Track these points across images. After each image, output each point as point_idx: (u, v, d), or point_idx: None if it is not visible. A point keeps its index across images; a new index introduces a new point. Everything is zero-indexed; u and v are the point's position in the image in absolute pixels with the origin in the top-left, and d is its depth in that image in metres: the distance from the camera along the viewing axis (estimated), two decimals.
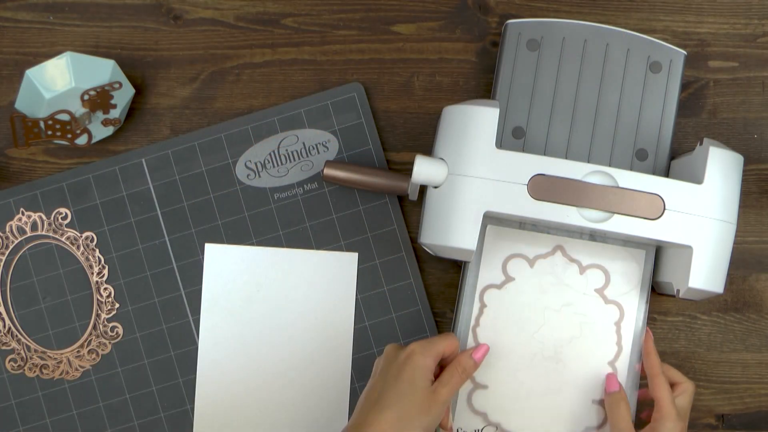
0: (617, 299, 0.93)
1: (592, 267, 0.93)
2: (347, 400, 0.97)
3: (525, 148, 0.95)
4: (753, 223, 0.99)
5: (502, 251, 0.94)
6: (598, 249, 0.93)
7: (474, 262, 0.93)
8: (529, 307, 0.93)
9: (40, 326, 0.98)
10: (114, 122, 0.97)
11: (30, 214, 0.99)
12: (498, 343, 0.92)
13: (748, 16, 1.01)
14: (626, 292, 0.93)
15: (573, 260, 0.93)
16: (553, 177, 0.88)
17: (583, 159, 0.95)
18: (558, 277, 0.93)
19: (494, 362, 0.92)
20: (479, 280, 0.93)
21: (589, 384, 0.92)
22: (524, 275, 0.93)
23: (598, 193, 0.87)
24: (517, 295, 0.93)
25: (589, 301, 0.93)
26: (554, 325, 0.92)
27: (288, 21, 1.01)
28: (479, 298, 0.93)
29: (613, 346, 0.92)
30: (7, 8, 1.01)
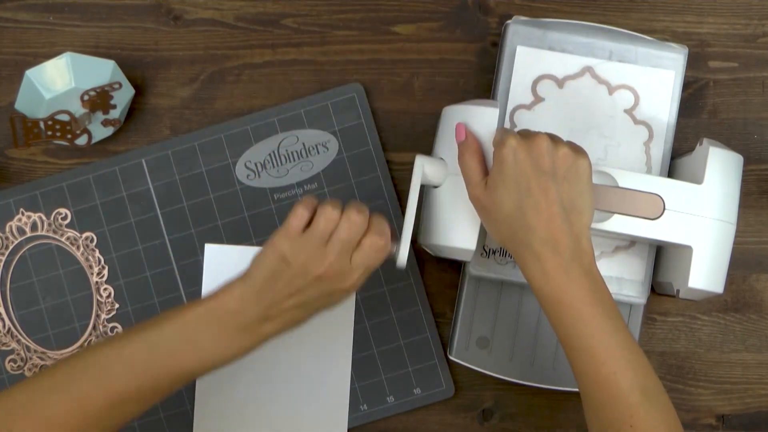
0: (647, 120, 0.92)
1: (622, 88, 0.93)
2: (347, 400, 0.97)
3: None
4: (753, 223, 0.99)
5: (531, 72, 0.93)
6: (627, 70, 0.93)
7: (503, 85, 0.93)
8: (557, 129, 0.91)
9: (40, 326, 0.98)
10: (114, 122, 0.97)
11: (30, 215, 0.99)
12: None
13: (748, 16, 1.01)
14: (656, 112, 0.92)
15: (602, 81, 0.92)
16: None
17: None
18: (586, 99, 0.92)
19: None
20: (509, 100, 0.93)
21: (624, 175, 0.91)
22: (553, 96, 0.93)
23: (598, 193, 0.87)
24: (546, 116, 0.93)
25: (617, 124, 0.92)
26: (597, 141, 0.92)
27: (288, 21, 1.01)
28: (509, 119, 0.93)
29: (643, 167, 0.92)
30: (7, 8, 1.01)
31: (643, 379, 0.79)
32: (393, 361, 0.98)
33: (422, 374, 0.98)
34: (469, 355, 0.95)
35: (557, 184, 0.81)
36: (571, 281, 0.79)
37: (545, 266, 0.80)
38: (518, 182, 0.81)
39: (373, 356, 0.98)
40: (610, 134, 0.93)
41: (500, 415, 0.99)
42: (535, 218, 0.80)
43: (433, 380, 0.98)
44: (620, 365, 0.78)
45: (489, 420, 0.99)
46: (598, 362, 0.79)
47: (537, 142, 0.81)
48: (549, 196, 0.80)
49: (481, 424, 0.98)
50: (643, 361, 0.80)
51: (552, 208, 0.80)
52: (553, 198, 0.80)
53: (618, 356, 0.79)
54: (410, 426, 0.98)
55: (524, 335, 0.95)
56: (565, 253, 0.80)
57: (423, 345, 0.98)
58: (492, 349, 0.95)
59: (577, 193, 0.81)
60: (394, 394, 0.98)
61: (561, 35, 0.93)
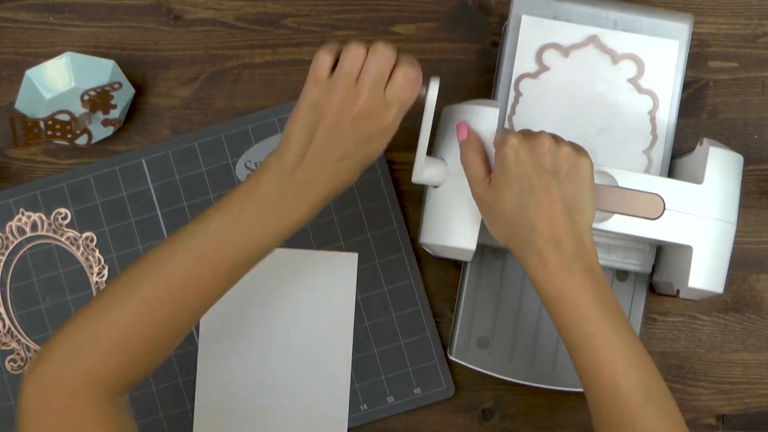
0: (651, 89, 0.92)
1: (627, 57, 0.92)
2: (347, 400, 0.97)
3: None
4: (753, 223, 0.99)
5: (536, 41, 0.93)
6: (632, 39, 0.93)
7: (509, 53, 0.93)
8: (562, 98, 0.92)
9: (40, 326, 0.98)
10: (114, 122, 0.97)
11: (30, 214, 0.99)
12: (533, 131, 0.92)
13: (748, 16, 1.01)
14: (661, 81, 0.92)
15: (607, 50, 0.92)
16: None
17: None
18: (591, 68, 0.92)
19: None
20: (514, 69, 0.93)
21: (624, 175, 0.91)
22: (558, 65, 0.93)
23: (598, 193, 0.87)
24: (552, 85, 0.93)
25: (622, 93, 0.92)
26: (585, 117, 0.92)
27: (288, 21, 1.01)
28: (514, 87, 0.93)
29: (648, 136, 0.92)
30: (7, 8, 1.00)
31: (645, 381, 0.78)
32: (393, 361, 0.98)
33: (422, 374, 0.98)
34: (469, 355, 0.95)
35: (559, 182, 0.81)
36: (573, 279, 0.79)
37: (548, 264, 0.80)
38: (521, 181, 0.81)
39: (373, 356, 0.98)
40: (614, 103, 0.93)
41: (500, 415, 0.99)
42: (538, 217, 0.80)
43: (433, 380, 0.98)
44: (622, 366, 0.78)
45: (489, 420, 0.99)
46: (599, 362, 0.78)
47: (539, 141, 0.81)
48: (551, 194, 0.80)
49: (481, 424, 0.98)
50: (647, 361, 0.79)
51: (554, 206, 0.80)
52: (555, 197, 0.80)
53: (620, 356, 0.78)
54: (410, 426, 0.98)
55: (524, 335, 0.95)
56: (567, 251, 0.80)
57: (423, 345, 0.98)
58: (492, 349, 0.95)
59: (580, 192, 0.81)
60: (394, 394, 0.98)
61: (566, 4, 0.93)
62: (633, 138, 0.93)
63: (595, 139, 0.93)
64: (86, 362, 0.77)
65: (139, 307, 0.77)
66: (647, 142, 0.93)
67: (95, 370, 0.77)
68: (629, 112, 0.93)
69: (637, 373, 0.78)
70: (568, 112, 0.93)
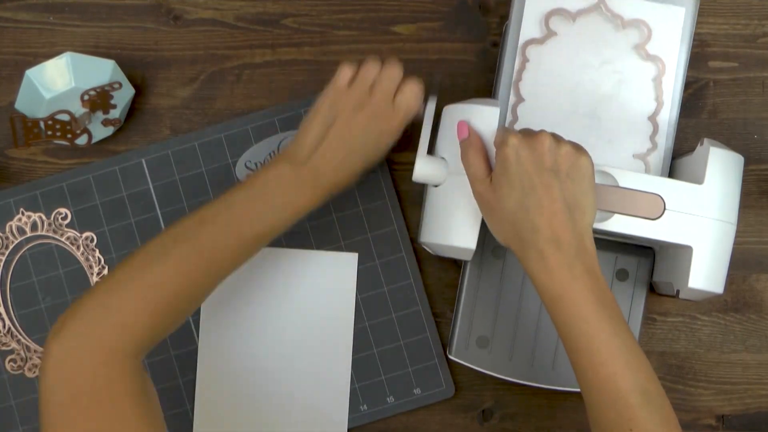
0: (658, 54, 0.92)
1: (633, 23, 0.92)
2: (347, 400, 0.97)
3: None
4: (753, 223, 0.99)
5: (543, 5, 0.93)
6: (639, 5, 0.93)
7: (515, 18, 0.93)
8: (568, 64, 0.92)
9: (40, 326, 0.98)
10: (114, 122, 0.97)
11: (30, 214, 0.99)
12: (539, 98, 0.93)
13: (748, 16, 1.01)
14: (667, 47, 0.92)
15: (615, 15, 0.92)
16: None
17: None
18: (599, 34, 0.92)
19: (536, 117, 0.92)
20: (521, 34, 0.93)
21: (629, 139, 0.92)
22: (566, 31, 0.93)
23: (599, 193, 0.87)
24: (558, 50, 0.93)
25: (629, 59, 0.93)
26: (592, 83, 0.92)
27: (288, 21, 1.01)
28: (521, 53, 0.93)
29: (653, 102, 0.92)
30: (7, 8, 1.01)
31: (643, 382, 0.78)
32: (393, 361, 0.98)
33: (422, 374, 0.98)
34: (469, 354, 0.95)
35: (560, 182, 0.81)
36: (573, 279, 0.79)
37: (548, 263, 0.80)
38: (521, 180, 0.81)
39: (373, 356, 0.98)
40: (621, 69, 0.93)
41: (500, 415, 0.99)
42: (539, 216, 0.80)
43: (433, 380, 0.98)
44: (620, 366, 0.78)
45: (489, 420, 0.98)
46: (598, 362, 0.79)
47: (539, 140, 0.81)
48: (552, 193, 0.80)
49: (481, 424, 0.98)
50: (644, 363, 0.80)
51: (555, 205, 0.80)
52: (556, 196, 0.80)
53: (618, 357, 0.78)
54: (410, 426, 0.98)
55: (524, 335, 0.95)
56: (568, 250, 0.80)
57: (423, 345, 0.98)
58: (492, 349, 0.95)
59: (580, 191, 0.81)
60: (394, 394, 0.98)
61: None
62: (638, 104, 0.93)
63: (601, 105, 0.93)
64: (116, 321, 0.79)
65: (170, 269, 0.82)
66: (652, 108, 0.93)
67: (124, 329, 0.79)
68: (635, 78, 0.93)
69: (634, 374, 0.78)
70: (574, 78, 0.93)
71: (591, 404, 0.80)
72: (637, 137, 0.93)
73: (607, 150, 0.93)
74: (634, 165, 0.93)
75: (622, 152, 0.93)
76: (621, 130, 0.92)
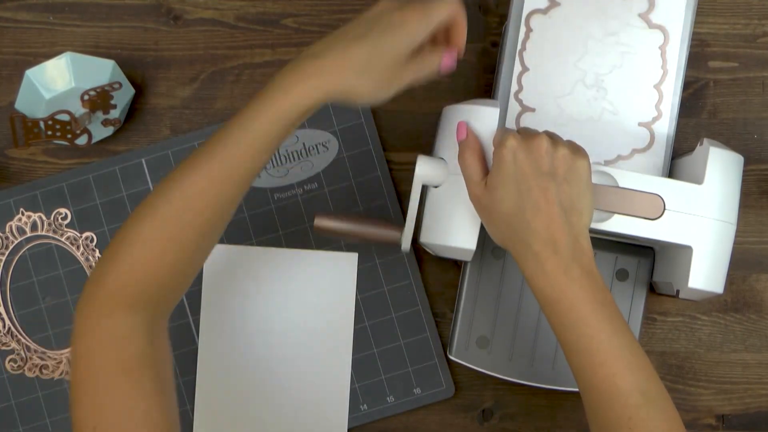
0: (662, 23, 0.92)
1: None
2: (347, 400, 0.97)
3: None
4: (753, 223, 0.99)
5: None
6: None
7: None
8: (572, 35, 0.92)
9: (40, 326, 0.98)
10: (114, 122, 0.97)
11: (30, 214, 0.99)
12: (543, 68, 0.92)
13: (748, 16, 1.01)
14: (671, 15, 0.92)
15: None
16: None
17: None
18: (602, 4, 0.92)
19: (541, 87, 0.92)
20: (525, 4, 0.93)
21: (634, 109, 0.92)
22: (569, 0, 0.93)
23: (598, 193, 0.87)
24: (562, 21, 0.92)
25: (633, 30, 0.92)
26: (596, 55, 0.92)
27: (288, 21, 1.01)
28: (525, 23, 0.93)
29: (659, 70, 0.92)
30: (7, 8, 1.01)
31: (643, 381, 0.78)
32: (393, 361, 0.98)
33: (422, 374, 0.98)
34: (469, 354, 0.95)
35: (557, 184, 0.81)
36: (570, 281, 0.79)
37: (545, 266, 0.80)
38: (518, 182, 0.81)
39: (373, 356, 0.98)
40: (626, 41, 0.93)
41: (500, 415, 0.99)
42: (535, 218, 0.80)
43: (433, 380, 0.98)
44: (619, 366, 0.78)
45: (489, 420, 0.99)
46: (596, 363, 0.78)
47: (537, 142, 0.81)
48: (548, 196, 0.80)
49: (481, 424, 0.98)
50: (645, 362, 0.79)
51: (552, 208, 0.80)
52: (552, 198, 0.80)
53: (617, 357, 0.78)
54: (410, 426, 0.98)
55: (524, 335, 0.95)
56: (564, 253, 0.80)
57: (423, 345, 0.98)
58: (492, 349, 0.95)
59: (577, 193, 0.81)
60: (394, 394, 0.98)
61: None
62: (644, 73, 0.93)
63: (606, 77, 0.93)
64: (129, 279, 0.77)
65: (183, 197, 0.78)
66: (658, 77, 0.93)
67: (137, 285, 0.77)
68: (640, 47, 0.93)
69: (634, 374, 0.78)
70: (578, 49, 0.93)
71: (590, 406, 0.80)
72: (642, 106, 0.93)
73: (613, 120, 0.92)
74: (639, 133, 0.92)
75: (628, 121, 0.93)
76: (626, 99, 0.92)
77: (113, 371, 0.75)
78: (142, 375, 0.76)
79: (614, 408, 0.77)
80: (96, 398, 0.75)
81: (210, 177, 0.78)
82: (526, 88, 0.93)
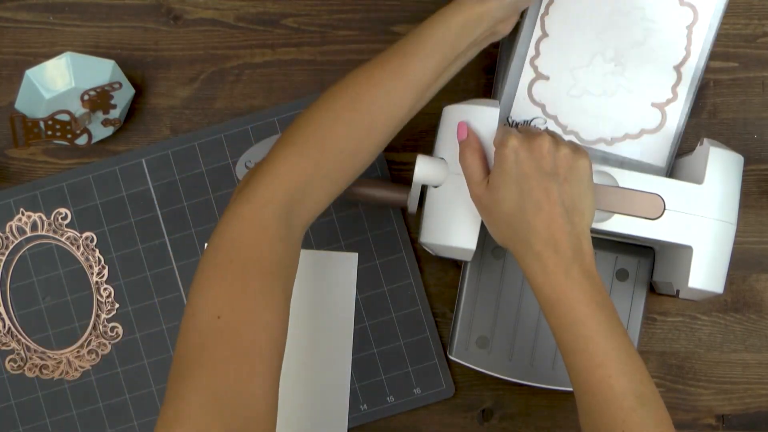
0: (692, 1, 0.90)
1: None
2: (347, 400, 0.97)
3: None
4: (753, 223, 0.99)
5: None
6: None
7: None
8: (598, 5, 0.89)
9: (40, 326, 0.98)
10: (114, 122, 0.97)
11: (30, 214, 0.99)
12: (563, 35, 0.90)
13: (748, 16, 1.01)
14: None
15: None
16: None
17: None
18: None
19: (558, 55, 0.90)
20: None
21: (650, 88, 0.90)
22: None
23: (598, 193, 0.87)
24: None
25: (662, 5, 0.90)
26: (620, 28, 0.90)
27: (288, 21, 1.01)
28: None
29: (682, 51, 0.90)
30: (7, 8, 1.01)
31: (638, 385, 0.78)
32: (393, 361, 0.98)
33: (422, 374, 0.98)
34: (469, 354, 0.95)
35: (558, 184, 0.81)
36: (571, 281, 0.79)
37: (546, 266, 0.80)
38: (519, 182, 0.81)
39: (373, 356, 0.98)
40: (653, 17, 0.90)
41: (500, 415, 0.99)
42: (537, 218, 0.80)
43: (433, 380, 0.98)
44: (615, 369, 0.78)
45: (489, 420, 0.99)
46: (593, 365, 0.78)
47: (538, 142, 0.81)
48: (551, 196, 0.80)
49: (481, 424, 0.98)
50: (640, 366, 0.79)
51: (554, 208, 0.80)
52: (554, 198, 0.80)
53: (614, 360, 0.78)
54: (410, 426, 0.98)
55: (524, 335, 0.95)
56: (566, 253, 0.80)
57: (423, 345, 0.98)
58: (492, 349, 0.95)
59: (578, 194, 0.81)
60: (394, 394, 0.98)
61: None
62: (667, 52, 0.90)
63: (627, 52, 0.91)
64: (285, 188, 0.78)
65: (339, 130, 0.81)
66: (680, 58, 0.90)
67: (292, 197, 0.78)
68: (667, 24, 0.90)
69: (630, 377, 0.78)
70: (602, 20, 0.91)
71: (584, 407, 0.80)
72: (659, 86, 0.91)
73: (627, 97, 0.91)
74: (651, 113, 0.90)
75: (641, 100, 0.91)
76: (644, 78, 0.90)
77: (251, 270, 0.75)
78: (274, 283, 0.76)
79: (609, 410, 0.77)
80: (226, 289, 0.74)
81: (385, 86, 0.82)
82: (543, 54, 0.91)
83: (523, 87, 0.91)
